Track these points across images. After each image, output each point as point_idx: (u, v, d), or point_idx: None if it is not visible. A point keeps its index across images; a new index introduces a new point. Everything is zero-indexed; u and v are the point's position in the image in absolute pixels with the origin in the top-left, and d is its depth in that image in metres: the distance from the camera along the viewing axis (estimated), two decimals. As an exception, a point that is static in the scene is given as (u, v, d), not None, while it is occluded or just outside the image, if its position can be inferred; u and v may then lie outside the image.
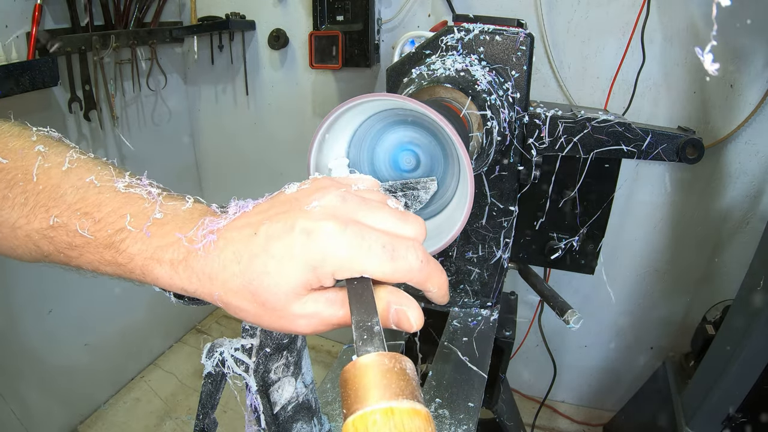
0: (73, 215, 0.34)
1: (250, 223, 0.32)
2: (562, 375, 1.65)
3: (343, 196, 0.33)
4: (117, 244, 0.33)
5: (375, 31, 1.58)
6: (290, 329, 0.33)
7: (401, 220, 0.34)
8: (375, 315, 0.30)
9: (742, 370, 1.02)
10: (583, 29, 1.41)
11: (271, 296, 0.31)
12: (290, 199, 0.34)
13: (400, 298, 0.33)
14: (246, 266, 0.31)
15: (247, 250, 0.31)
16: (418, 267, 0.32)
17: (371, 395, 0.25)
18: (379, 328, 0.29)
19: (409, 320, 0.32)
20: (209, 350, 0.41)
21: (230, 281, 0.31)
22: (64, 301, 1.61)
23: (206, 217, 0.34)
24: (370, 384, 0.25)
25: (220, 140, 2.09)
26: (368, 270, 0.31)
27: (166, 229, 0.33)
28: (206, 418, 0.43)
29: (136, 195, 0.35)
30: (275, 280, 0.31)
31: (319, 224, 0.31)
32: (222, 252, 0.32)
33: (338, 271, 0.31)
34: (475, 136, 0.60)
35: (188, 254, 0.32)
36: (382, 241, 0.31)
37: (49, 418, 1.61)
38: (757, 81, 1.28)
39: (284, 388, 0.44)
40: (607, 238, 0.89)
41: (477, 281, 0.85)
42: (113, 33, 1.52)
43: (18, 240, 0.36)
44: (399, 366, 0.26)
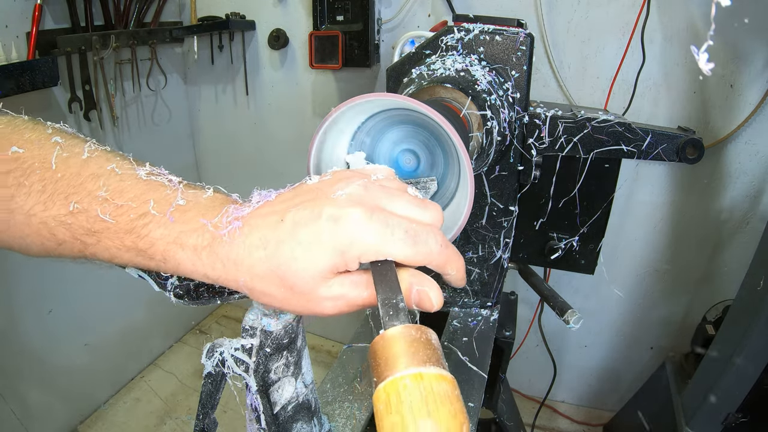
0: (94, 201, 0.34)
1: (276, 211, 0.33)
2: (562, 375, 1.65)
3: (365, 185, 0.34)
4: (139, 228, 0.34)
5: (375, 31, 1.58)
6: (317, 311, 0.34)
7: (420, 207, 0.35)
8: (399, 293, 0.31)
9: (742, 370, 1.02)
10: (583, 29, 1.41)
11: (299, 280, 0.32)
12: (314, 188, 0.35)
13: (422, 280, 0.34)
14: (273, 251, 0.32)
15: (273, 236, 0.32)
16: (438, 251, 0.34)
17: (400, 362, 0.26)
18: (404, 305, 0.30)
19: (431, 300, 0.34)
20: (209, 350, 0.41)
21: (256, 266, 0.32)
22: (64, 301, 1.61)
23: (231, 205, 0.35)
24: (399, 353, 0.27)
25: (220, 140, 2.09)
26: (392, 253, 0.32)
27: (189, 215, 0.34)
28: (206, 418, 0.43)
29: (158, 182, 0.36)
30: (303, 265, 0.32)
31: (346, 211, 0.32)
32: (248, 238, 0.32)
33: (364, 255, 0.32)
34: (475, 136, 0.60)
35: (213, 240, 0.33)
36: (404, 226, 0.33)
37: (49, 418, 1.61)
38: (757, 81, 1.28)
39: (284, 388, 0.44)
40: (607, 238, 0.89)
41: (477, 281, 0.85)
42: (113, 33, 1.52)
43: (31, 228, 0.35)
44: (425, 336, 0.28)
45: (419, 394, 0.24)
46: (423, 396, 0.24)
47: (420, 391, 0.24)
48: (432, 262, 0.34)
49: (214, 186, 0.38)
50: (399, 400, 0.24)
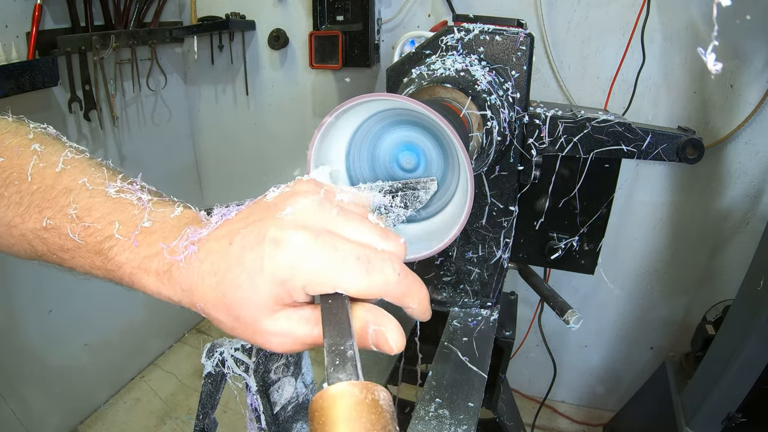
0: (65, 218, 0.34)
1: (229, 233, 0.32)
2: (562, 375, 1.65)
3: (320, 203, 0.32)
4: (106, 251, 0.33)
5: (375, 31, 1.58)
6: (265, 346, 0.32)
7: (379, 234, 0.32)
8: (349, 337, 0.28)
9: (742, 370, 1.02)
10: (583, 29, 1.41)
11: (243, 310, 0.30)
12: (268, 205, 0.32)
13: (379, 318, 0.31)
14: (221, 278, 0.30)
15: (223, 262, 0.30)
16: (396, 280, 0.30)
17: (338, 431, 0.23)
18: (353, 353, 0.27)
19: (388, 342, 0.30)
20: (209, 350, 0.41)
21: (208, 293, 0.31)
22: (64, 301, 1.61)
23: (189, 227, 0.33)
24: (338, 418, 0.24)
25: (220, 140, 2.09)
26: (341, 283, 0.29)
27: (153, 239, 0.33)
28: (206, 418, 0.43)
29: (126, 201, 0.35)
30: (247, 294, 0.30)
31: (288, 234, 0.29)
32: (202, 264, 0.31)
33: (309, 285, 0.29)
34: (475, 136, 0.60)
35: (171, 265, 0.32)
36: (356, 252, 0.30)
37: (49, 418, 1.61)
38: (757, 81, 1.28)
39: (284, 388, 0.44)
40: (607, 238, 0.89)
41: (477, 281, 0.85)
42: (113, 33, 1.52)
43: (13, 238, 0.36)
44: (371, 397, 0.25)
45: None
46: None
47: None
48: (389, 294, 0.31)
49: (184, 203, 0.37)
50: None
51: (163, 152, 1.99)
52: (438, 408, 0.64)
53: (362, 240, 0.31)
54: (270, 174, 2.01)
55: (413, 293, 0.32)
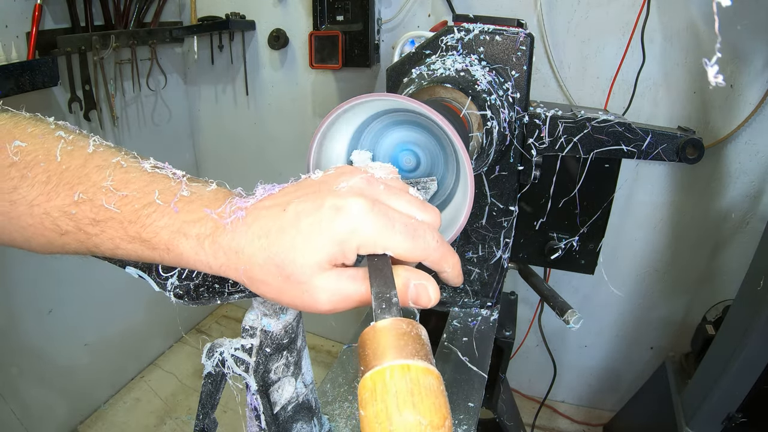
0: (99, 191, 0.34)
1: (279, 203, 0.34)
2: (562, 375, 1.65)
3: (368, 180, 0.35)
4: (143, 218, 0.34)
5: (375, 31, 1.58)
6: (311, 305, 0.34)
7: (420, 207, 0.36)
8: (393, 287, 0.31)
9: (742, 370, 1.02)
10: (583, 29, 1.41)
11: (296, 269, 0.32)
12: (318, 182, 0.35)
13: (419, 275, 0.34)
14: (273, 240, 0.32)
15: (275, 225, 0.32)
16: (434, 246, 0.34)
17: (389, 354, 0.26)
18: (397, 299, 0.30)
19: (429, 294, 0.34)
20: (209, 350, 0.41)
21: (256, 255, 0.32)
22: (64, 301, 1.61)
23: (233, 197, 0.35)
24: (388, 344, 0.27)
25: (220, 140, 2.09)
26: (391, 246, 0.33)
27: (194, 206, 0.34)
28: (206, 418, 0.43)
29: (162, 175, 0.36)
30: (301, 254, 0.32)
31: (348, 201, 0.32)
32: (250, 227, 0.33)
33: (363, 246, 0.32)
34: (475, 136, 0.60)
35: (216, 229, 0.33)
36: (404, 221, 0.33)
37: (49, 418, 1.61)
38: (757, 81, 1.28)
39: (284, 388, 0.44)
40: (607, 238, 0.89)
41: (477, 281, 0.85)
42: (113, 33, 1.52)
43: (33, 218, 0.35)
44: (415, 331, 0.28)
45: (405, 385, 0.24)
46: (409, 387, 0.24)
47: (406, 382, 0.25)
48: (429, 258, 0.35)
49: (218, 180, 0.38)
50: (385, 390, 0.24)
51: (163, 152, 1.99)
52: (438, 408, 0.63)
53: (406, 211, 0.35)
54: (270, 174, 2.01)
55: (448, 259, 0.36)
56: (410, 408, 0.24)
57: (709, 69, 0.38)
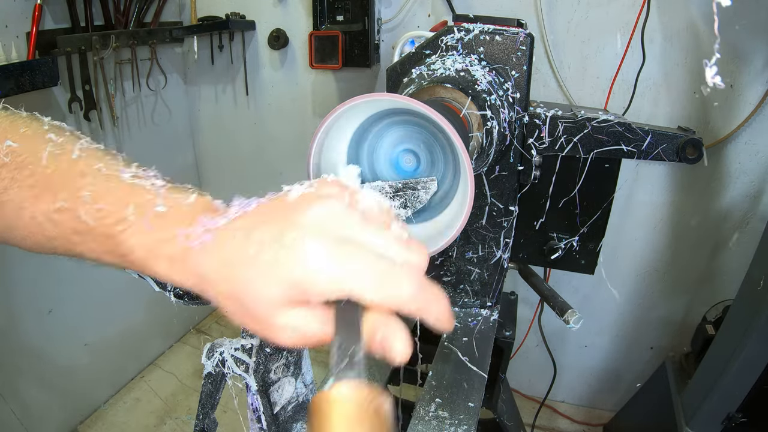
0: (78, 200, 0.34)
1: (246, 226, 0.32)
2: (562, 375, 1.65)
3: (343, 210, 0.32)
4: (118, 234, 0.33)
5: (375, 31, 1.58)
6: (273, 340, 0.32)
7: (401, 246, 0.32)
8: (358, 340, 0.28)
9: (742, 370, 1.02)
10: (583, 29, 1.41)
11: (254, 305, 0.30)
12: (290, 205, 0.32)
13: (388, 325, 0.30)
14: (234, 272, 0.30)
15: (237, 256, 0.30)
16: (410, 295, 0.30)
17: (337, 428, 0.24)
18: (361, 357, 0.27)
19: (392, 351, 0.30)
20: (209, 350, 0.41)
21: (220, 284, 0.31)
22: (64, 301, 1.61)
23: (206, 215, 0.33)
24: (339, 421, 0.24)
25: (220, 140, 2.09)
26: (354, 294, 0.29)
27: (167, 223, 0.33)
28: (206, 418, 0.43)
29: (141, 186, 0.35)
30: (259, 290, 0.30)
31: (307, 239, 0.29)
32: (215, 254, 0.31)
33: (323, 292, 0.29)
34: (475, 136, 0.60)
35: (185, 252, 0.32)
36: (373, 264, 0.29)
37: (49, 418, 1.61)
38: (757, 81, 1.28)
39: (284, 388, 0.44)
40: (607, 238, 0.89)
41: (477, 281, 0.85)
42: (113, 33, 1.52)
43: (22, 220, 0.36)
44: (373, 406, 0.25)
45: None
46: None
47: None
48: (404, 307, 0.30)
49: (199, 190, 0.37)
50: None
51: (163, 152, 1.99)
52: (438, 408, 0.64)
53: (383, 251, 0.31)
54: (270, 174, 2.01)
55: (430, 308, 0.31)
56: None
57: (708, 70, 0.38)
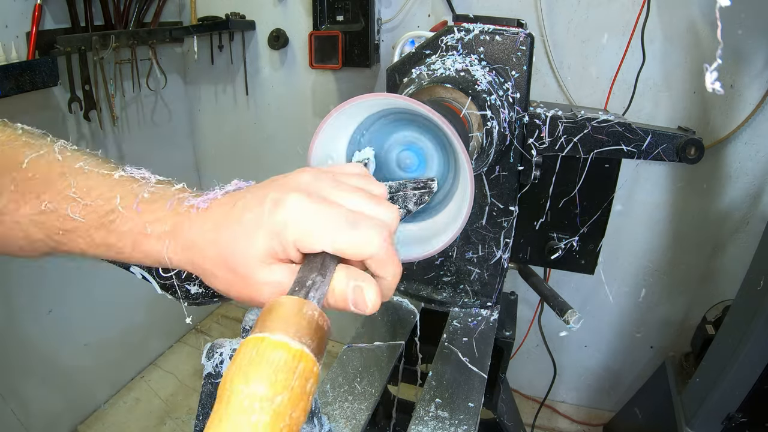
0: (64, 200, 0.35)
1: (232, 199, 0.35)
2: (562, 375, 1.65)
3: (315, 175, 0.35)
4: (107, 225, 0.35)
5: (375, 31, 1.58)
6: (256, 298, 0.34)
7: (372, 202, 0.34)
8: (316, 273, 0.31)
9: (742, 370, 1.02)
10: (583, 29, 1.41)
11: (240, 262, 0.32)
12: (273, 179, 0.36)
13: (360, 276, 0.33)
14: (221, 234, 0.33)
15: (224, 221, 0.33)
16: (378, 243, 0.32)
17: (257, 327, 0.26)
18: (311, 283, 0.30)
19: (364, 298, 0.32)
20: (209, 350, 0.41)
21: (207, 248, 0.33)
22: (64, 301, 1.61)
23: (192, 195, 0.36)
24: (262, 319, 0.27)
25: (220, 140, 2.09)
26: (327, 238, 0.32)
27: (156, 206, 0.35)
28: (206, 418, 0.42)
29: (126, 177, 0.37)
30: (243, 247, 0.32)
31: (287, 194, 0.32)
32: (204, 223, 0.34)
33: (299, 240, 0.32)
34: (475, 136, 0.60)
35: (175, 227, 0.34)
36: (345, 214, 0.32)
37: (49, 418, 1.61)
38: (757, 81, 1.28)
39: (284, 388, 0.44)
40: (607, 238, 0.89)
41: (477, 281, 0.85)
42: (113, 33, 1.52)
43: (3, 226, 0.36)
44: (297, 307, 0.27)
45: (248, 356, 0.24)
46: (249, 358, 0.24)
47: (250, 354, 0.24)
48: (373, 256, 0.33)
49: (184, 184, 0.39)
50: (234, 359, 0.24)
51: (163, 152, 1.99)
52: (438, 408, 0.64)
53: (354, 207, 0.34)
54: (270, 174, 2.00)
55: (390, 264, 0.34)
56: (240, 376, 0.23)
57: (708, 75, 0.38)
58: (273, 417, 0.23)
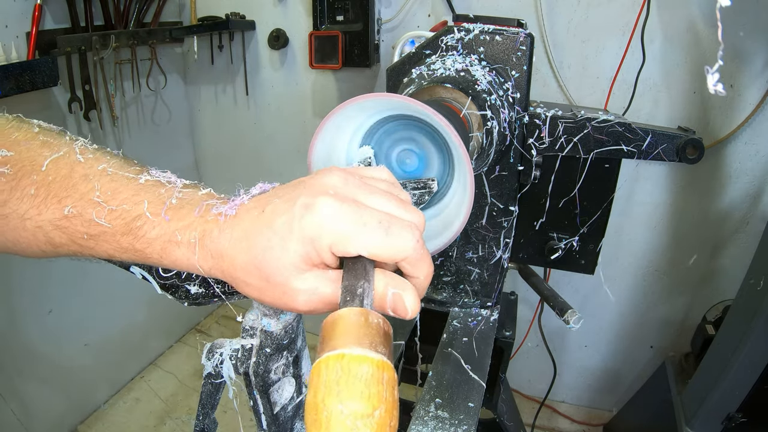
0: (88, 204, 0.34)
1: (260, 204, 0.34)
2: (562, 375, 1.65)
3: (345, 178, 0.34)
4: (135, 230, 0.34)
5: (375, 31, 1.58)
6: (291, 305, 0.34)
7: (401, 206, 0.34)
8: (364, 280, 0.31)
9: (742, 370, 1.02)
10: (583, 29, 1.41)
11: (273, 270, 0.32)
12: (300, 181, 0.35)
13: (398, 282, 0.33)
14: (252, 242, 0.32)
15: (253, 227, 0.33)
16: (413, 246, 0.32)
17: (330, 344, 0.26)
18: (363, 291, 0.30)
19: (405, 305, 0.32)
20: (209, 350, 0.41)
21: (238, 257, 0.33)
22: (64, 301, 1.61)
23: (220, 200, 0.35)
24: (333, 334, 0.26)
25: (220, 140, 2.09)
26: (362, 241, 0.31)
27: (183, 212, 0.34)
28: (206, 418, 0.43)
29: (152, 181, 0.36)
30: (277, 254, 0.32)
31: (318, 199, 0.32)
32: (233, 230, 0.33)
33: (334, 245, 0.31)
34: (475, 136, 0.60)
35: (203, 234, 0.33)
36: (378, 217, 0.32)
37: (49, 418, 1.61)
38: (757, 81, 1.28)
39: (284, 388, 0.44)
40: (607, 238, 0.89)
41: (477, 281, 0.85)
42: (113, 33, 1.52)
43: (26, 232, 0.35)
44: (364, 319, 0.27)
45: (335, 375, 0.24)
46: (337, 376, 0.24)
47: (336, 372, 0.24)
48: (407, 257, 0.33)
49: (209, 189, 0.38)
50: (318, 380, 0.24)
51: (163, 152, 1.99)
52: (438, 408, 0.64)
53: (383, 208, 0.33)
54: (270, 174, 2.01)
55: (424, 265, 0.34)
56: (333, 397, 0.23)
57: (710, 77, 0.38)
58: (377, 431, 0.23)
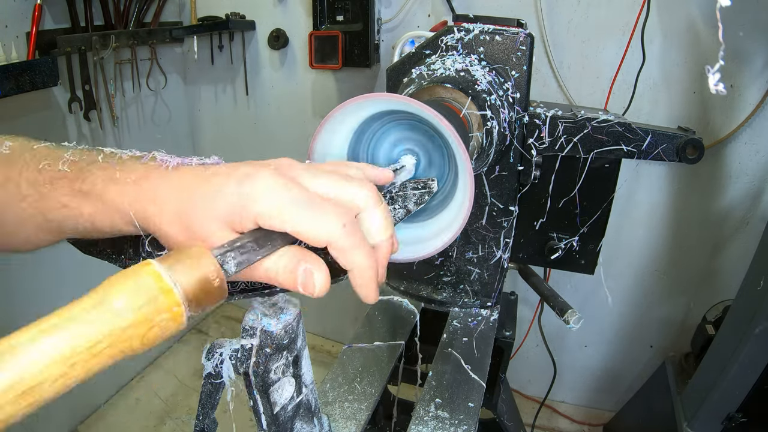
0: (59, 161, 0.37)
1: (205, 167, 0.36)
2: (562, 375, 1.65)
3: (291, 163, 0.36)
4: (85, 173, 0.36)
5: (375, 31, 1.58)
6: None
7: (342, 181, 0.34)
8: (251, 240, 0.31)
9: (742, 370, 1.02)
10: (583, 29, 1.41)
11: (197, 220, 0.33)
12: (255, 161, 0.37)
13: (312, 259, 0.32)
14: (186, 193, 0.34)
15: (192, 181, 0.34)
16: (333, 229, 0.31)
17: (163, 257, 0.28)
18: (240, 246, 0.30)
19: (314, 281, 0.32)
20: (209, 350, 0.41)
21: (167, 204, 0.34)
22: (64, 301, 1.59)
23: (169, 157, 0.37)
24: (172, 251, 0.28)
25: (220, 140, 2.09)
26: (287, 219, 0.31)
27: (131, 162, 0.37)
28: (206, 419, 0.43)
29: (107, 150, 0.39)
30: (207, 205, 0.33)
31: (259, 171, 0.33)
32: (172, 180, 0.35)
33: (260, 216, 0.32)
34: (475, 136, 0.60)
35: (143, 176, 0.35)
36: (308, 196, 0.32)
37: (49, 418, 1.61)
38: (757, 81, 1.28)
39: (284, 388, 0.44)
40: (607, 238, 0.89)
41: (477, 281, 0.85)
42: (113, 33, 1.52)
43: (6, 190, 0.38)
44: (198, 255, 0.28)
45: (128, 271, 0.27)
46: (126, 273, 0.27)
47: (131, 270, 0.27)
48: (331, 243, 0.32)
49: None
50: None
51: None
52: (438, 408, 0.64)
53: (322, 191, 0.34)
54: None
55: (358, 254, 0.33)
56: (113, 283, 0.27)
57: (711, 77, 0.38)
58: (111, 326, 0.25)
